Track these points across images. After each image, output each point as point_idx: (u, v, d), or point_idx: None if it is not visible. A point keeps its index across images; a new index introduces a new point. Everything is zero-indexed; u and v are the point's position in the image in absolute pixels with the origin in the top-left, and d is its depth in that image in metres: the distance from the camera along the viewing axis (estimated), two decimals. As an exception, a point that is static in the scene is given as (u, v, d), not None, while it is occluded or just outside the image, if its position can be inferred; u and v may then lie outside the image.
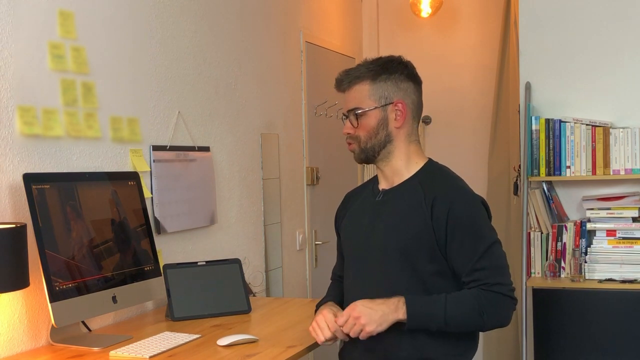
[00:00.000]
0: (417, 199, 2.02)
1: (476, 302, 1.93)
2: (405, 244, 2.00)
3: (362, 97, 2.07)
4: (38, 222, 2.09)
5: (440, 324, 1.93)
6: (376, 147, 2.09)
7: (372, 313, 1.91)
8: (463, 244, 1.97)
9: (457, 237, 1.97)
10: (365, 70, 2.08)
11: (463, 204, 2.00)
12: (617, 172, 3.58)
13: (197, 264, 2.68)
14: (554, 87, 3.80)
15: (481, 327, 1.99)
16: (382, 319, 1.91)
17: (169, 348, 2.12)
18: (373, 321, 1.90)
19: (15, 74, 2.21)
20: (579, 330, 3.44)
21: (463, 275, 1.98)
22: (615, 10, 3.71)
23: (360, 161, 2.17)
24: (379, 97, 2.07)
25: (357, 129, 2.09)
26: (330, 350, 2.96)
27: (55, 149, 2.35)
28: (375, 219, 2.09)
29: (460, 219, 1.97)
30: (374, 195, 2.15)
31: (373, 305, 1.92)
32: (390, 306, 1.92)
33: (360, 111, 2.07)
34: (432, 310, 1.93)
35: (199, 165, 3.08)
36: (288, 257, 3.94)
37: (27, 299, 2.20)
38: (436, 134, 5.06)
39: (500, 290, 1.95)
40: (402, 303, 1.92)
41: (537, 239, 3.71)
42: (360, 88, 2.08)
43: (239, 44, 3.47)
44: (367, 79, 2.07)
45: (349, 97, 2.11)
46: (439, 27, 5.02)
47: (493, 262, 1.97)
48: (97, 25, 2.56)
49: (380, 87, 2.07)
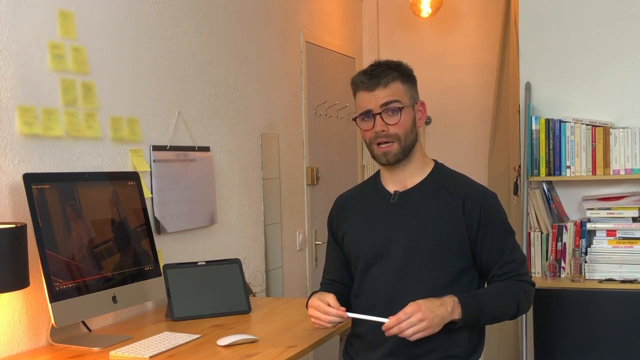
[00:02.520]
0: (445, 199, 2.05)
1: (515, 292, 2.03)
2: (436, 243, 2.03)
3: (400, 93, 2.05)
4: (38, 222, 2.09)
5: (488, 319, 2.01)
6: (410, 146, 2.07)
7: (434, 317, 1.90)
8: (494, 240, 2.05)
9: (489, 233, 2.04)
10: (393, 70, 2.06)
11: (492, 202, 2.09)
12: (617, 172, 3.57)
13: (197, 264, 2.68)
14: (554, 87, 3.80)
15: (515, 315, 2.07)
16: (441, 323, 1.92)
17: (169, 348, 2.12)
18: (435, 325, 1.90)
19: (15, 74, 2.21)
20: (579, 330, 3.44)
21: (494, 269, 2.05)
22: (616, 10, 3.71)
23: (396, 161, 2.07)
24: (410, 96, 2.08)
25: (395, 126, 2.03)
26: (331, 350, 2.96)
27: (55, 149, 2.35)
28: (395, 221, 2.08)
29: (492, 216, 2.06)
30: (385, 197, 2.12)
31: (434, 307, 1.91)
32: (447, 308, 1.93)
33: (399, 106, 2.03)
34: (482, 307, 1.98)
35: (199, 165, 3.08)
36: (288, 257, 3.94)
37: (27, 299, 2.20)
38: (436, 134, 5.06)
39: (529, 280, 2.09)
40: (457, 303, 1.94)
41: (537, 239, 3.71)
42: (396, 85, 2.05)
43: (239, 44, 3.47)
44: (398, 78, 2.06)
45: (383, 93, 2.03)
46: (439, 27, 5.02)
47: (520, 254, 2.10)
48: (97, 25, 2.56)
49: (409, 87, 2.09)
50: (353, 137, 4.84)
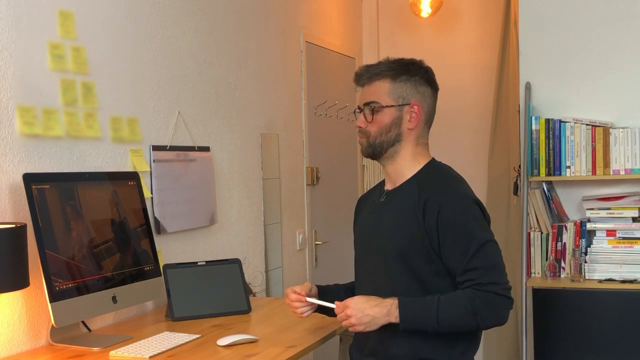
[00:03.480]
0: (412, 201, 2.04)
1: (469, 302, 1.93)
2: (401, 246, 2.03)
3: (381, 93, 2.09)
4: (38, 222, 2.09)
5: (434, 326, 1.95)
6: (384, 144, 2.10)
7: (362, 316, 1.96)
8: (455, 245, 1.97)
9: (448, 238, 1.98)
10: (387, 68, 2.10)
11: (453, 205, 2.00)
12: (617, 172, 3.57)
13: (197, 264, 2.68)
14: (554, 87, 3.80)
15: (476, 327, 1.99)
16: (371, 322, 1.96)
17: (169, 348, 2.12)
18: (362, 323, 1.96)
19: (15, 74, 2.21)
20: (579, 330, 3.44)
21: (457, 276, 1.99)
22: (616, 10, 3.71)
23: (366, 155, 2.17)
24: (397, 97, 2.09)
25: (370, 124, 2.10)
26: (331, 350, 2.96)
27: (55, 149, 2.35)
28: (379, 219, 2.13)
29: (450, 220, 1.98)
30: (380, 196, 2.19)
31: (366, 306, 1.97)
32: (382, 309, 1.96)
33: (377, 106, 2.08)
34: (424, 313, 1.95)
35: (199, 165, 3.08)
36: (288, 257, 3.94)
37: (27, 299, 2.20)
38: (436, 134, 4.96)
39: (494, 290, 1.94)
40: (395, 307, 1.95)
41: (537, 239, 3.71)
42: (380, 84, 2.09)
43: (239, 44, 3.47)
44: (388, 77, 2.09)
45: (367, 91, 2.12)
46: (439, 27, 5.02)
47: (485, 261, 1.96)
48: (97, 25, 2.56)
49: (400, 87, 2.09)
50: (353, 137, 4.83)
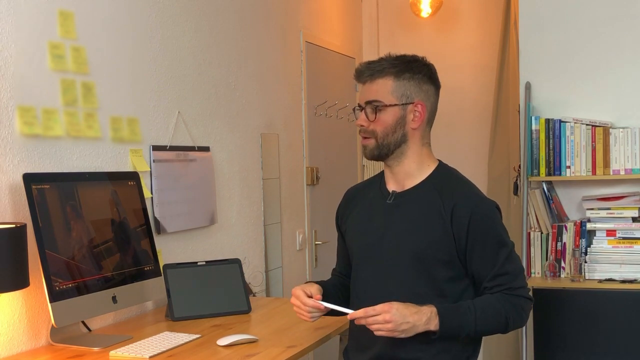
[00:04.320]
0: (435, 206, 2.00)
1: (502, 307, 1.94)
2: (421, 249, 1.98)
3: (384, 91, 2.02)
4: (38, 222, 2.09)
5: (470, 333, 1.93)
6: (392, 145, 2.05)
7: (402, 323, 1.85)
8: (485, 251, 1.97)
9: (478, 244, 1.96)
10: (389, 65, 2.03)
11: (484, 212, 2.00)
12: (617, 172, 3.57)
13: (197, 264, 2.68)
14: (554, 87, 3.80)
15: (504, 330, 1.98)
16: (410, 331, 1.87)
17: (169, 348, 2.12)
18: (402, 330, 1.86)
19: (15, 74, 2.21)
20: (579, 330, 3.44)
21: (485, 281, 1.98)
22: (616, 10, 3.71)
23: (372, 157, 2.09)
24: (401, 95, 2.03)
25: (374, 123, 2.03)
26: (331, 350, 2.96)
27: (55, 149, 2.35)
28: (389, 221, 2.06)
29: (482, 227, 1.97)
30: (384, 196, 2.11)
31: (407, 313, 1.86)
32: (422, 318, 1.87)
33: (380, 105, 2.03)
34: (463, 321, 1.92)
35: (199, 165, 3.08)
36: (288, 257, 3.94)
37: (27, 299, 2.20)
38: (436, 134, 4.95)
39: (523, 294, 1.98)
40: (435, 315, 1.89)
41: (537, 239, 3.70)
42: (383, 82, 2.03)
43: (239, 44, 3.47)
44: (391, 75, 2.03)
45: (369, 89, 2.04)
46: (439, 27, 5.02)
47: (514, 266, 1.99)
48: (97, 25, 2.56)
49: (403, 85, 2.04)
50: (353, 137, 4.84)
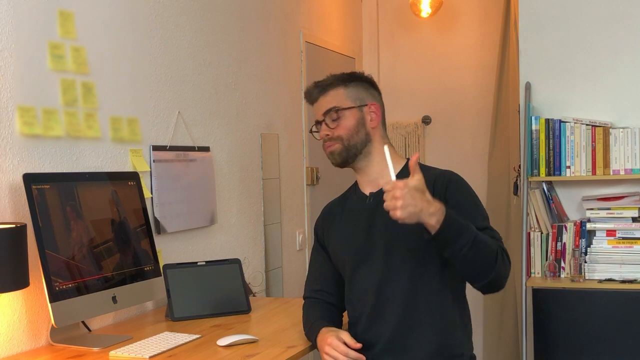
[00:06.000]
0: None
1: (494, 246, 1.93)
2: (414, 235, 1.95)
3: (339, 99, 2.14)
4: (38, 222, 2.09)
5: (464, 247, 1.86)
6: (358, 144, 2.13)
7: (409, 205, 1.77)
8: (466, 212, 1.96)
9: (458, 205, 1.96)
10: (335, 79, 2.18)
11: (459, 181, 2.09)
12: (617, 172, 3.57)
13: (197, 264, 2.68)
14: (554, 87, 3.80)
15: (491, 267, 1.92)
16: (415, 214, 1.79)
17: (169, 348, 2.12)
18: (407, 212, 1.78)
19: (15, 74, 2.21)
20: (579, 330, 3.44)
21: None
22: (616, 10, 3.71)
23: (341, 161, 2.15)
24: (355, 99, 2.14)
25: (336, 129, 2.12)
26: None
27: (55, 149, 2.35)
28: (373, 220, 2.11)
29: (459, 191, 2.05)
30: (362, 200, 2.18)
31: (418, 196, 1.78)
32: (430, 207, 1.80)
33: (339, 109, 2.11)
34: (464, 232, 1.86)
35: (199, 165, 3.08)
36: (288, 257, 3.94)
37: (27, 299, 2.20)
38: (436, 134, 5.06)
39: (504, 248, 1.97)
40: (442, 213, 1.83)
41: (537, 239, 3.70)
42: (335, 92, 2.15)
43: (239, 44, 3.47)
44: (340, 85, 2.15)
45: (322, 102, 2.16)
46: (439, 27, 5.02)
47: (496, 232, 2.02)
48: (97, 25, 2.56)
49: (354, 90, 2.15)
50: (353, 137, 4.83)
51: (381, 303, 2.06)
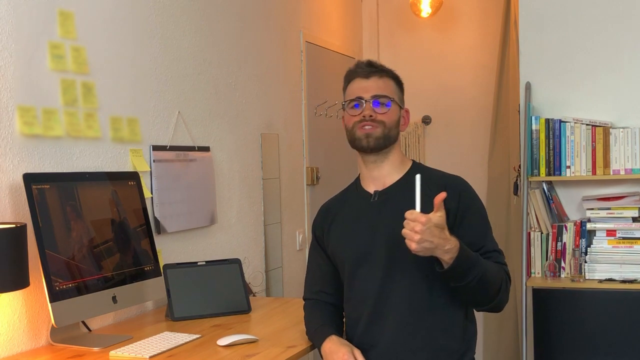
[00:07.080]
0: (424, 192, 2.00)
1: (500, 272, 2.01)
2: None
3: (391, 90, 2.16)
4: (38, 222, 2.09)
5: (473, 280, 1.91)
6: (392, 139, 2.14)
7: (427, 242, 1.83)
8: (474, 222, 2.07)
9: (468, 215, 2.06)
10: (390, 71, 2.19)
11: (470, 190, 2.13)
12: (617, 172, 3.57)
13: (197, 264, 2.68)
14: (554, 87, 3.79)
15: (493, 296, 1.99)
16: (430, 249, 1.86)
17: (169, 348, 2.12)
18: (422, 247, 1.84)
19: (15, 74, 2.21)
20: (579, 330, 3.44)
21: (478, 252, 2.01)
22: (616, 10, 3.71)
23: (374, 145, 2.12)
24: (400, 99, 2.20)
25: (384, 115, 2.11)
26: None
27: (55, 149, 2.35)
28: (378, 219, 2.09)
29: (471, 201, 2.09)
30: (366, 198, 2.16)
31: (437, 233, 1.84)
32: (445, 245, 1.86)
33: (392, 100, 2.14)
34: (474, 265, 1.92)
35: (199, 165, 3.08)
36: (288, 257, 3.94)
37: (27, 299, 2.20)
38: (436, 134, 5.06)
39: (508, 272, 2.06)
40: (456, 250, 1.88)
41: (537, 239, 3.70)
42: (390, 82, 2.17)
43: (239, 44, 3.47)
44: (393, 79, 2.19)
45: (378, 84, 2.14)
46: (439, 27, 5.02)
47: (497, 245, 2.10)
48: (97, 25, 2.56)
49: (399, 91, 2.20)
50: (353, 137, 4.83)
51: (382, 304, 2.05)
